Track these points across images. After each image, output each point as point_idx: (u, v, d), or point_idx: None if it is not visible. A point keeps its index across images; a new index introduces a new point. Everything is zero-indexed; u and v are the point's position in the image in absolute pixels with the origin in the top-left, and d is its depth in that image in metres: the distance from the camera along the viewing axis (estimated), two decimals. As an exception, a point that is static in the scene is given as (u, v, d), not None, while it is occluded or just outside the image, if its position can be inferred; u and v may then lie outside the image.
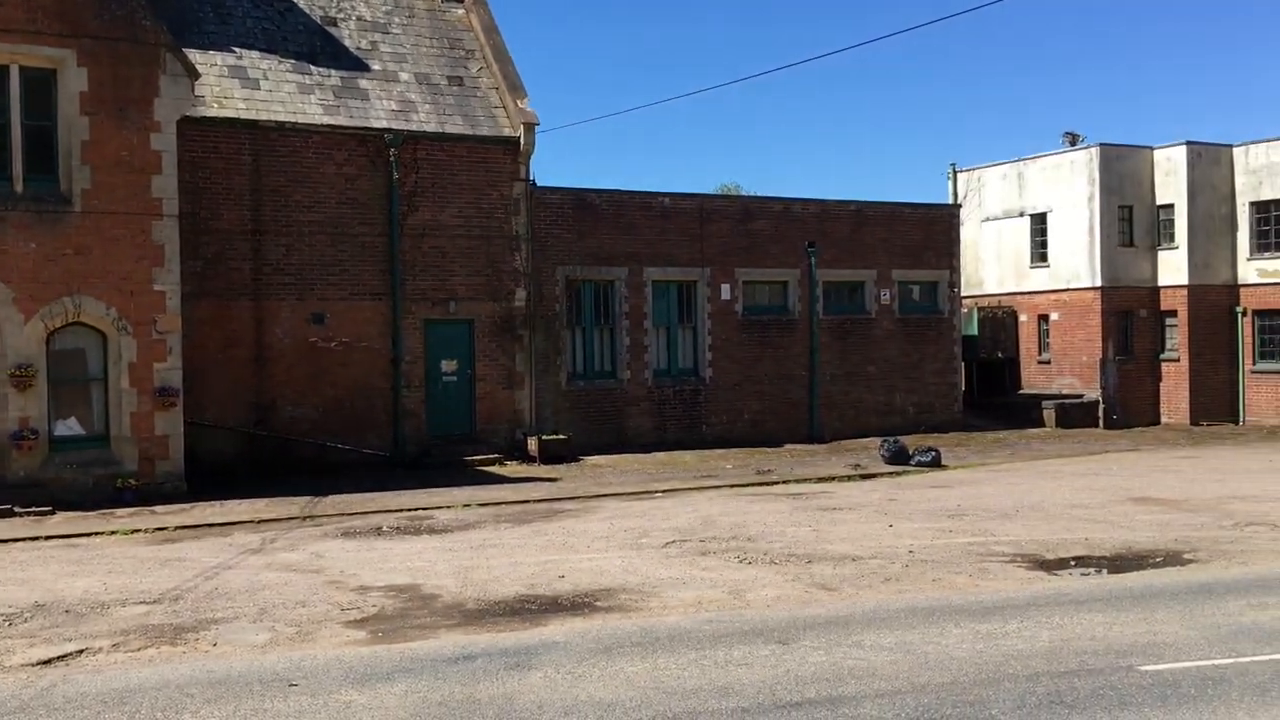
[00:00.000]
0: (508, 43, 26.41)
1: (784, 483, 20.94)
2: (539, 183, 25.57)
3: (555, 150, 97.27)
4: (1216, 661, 8.39)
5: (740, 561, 12.90)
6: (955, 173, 35.79)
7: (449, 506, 17.94)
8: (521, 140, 24.51)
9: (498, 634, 9.66)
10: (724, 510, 17.21)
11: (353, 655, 9.07)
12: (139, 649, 9.37)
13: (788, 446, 27.02)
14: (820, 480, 21.22)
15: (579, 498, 19.03)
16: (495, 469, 22.88)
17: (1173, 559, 12.68)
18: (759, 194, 37.00)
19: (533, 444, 24.02)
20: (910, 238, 30.36)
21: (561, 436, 24.41)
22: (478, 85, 25.40)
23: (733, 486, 20.41)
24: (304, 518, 16.94)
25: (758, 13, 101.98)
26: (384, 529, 15.87)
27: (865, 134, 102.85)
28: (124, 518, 16.68)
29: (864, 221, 29.87)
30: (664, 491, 19.76)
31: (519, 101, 24.82)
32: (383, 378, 23.59)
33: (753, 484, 20.76)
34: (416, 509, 17.69)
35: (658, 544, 14.18)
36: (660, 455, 25.11)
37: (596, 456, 24.54)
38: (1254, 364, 31.93)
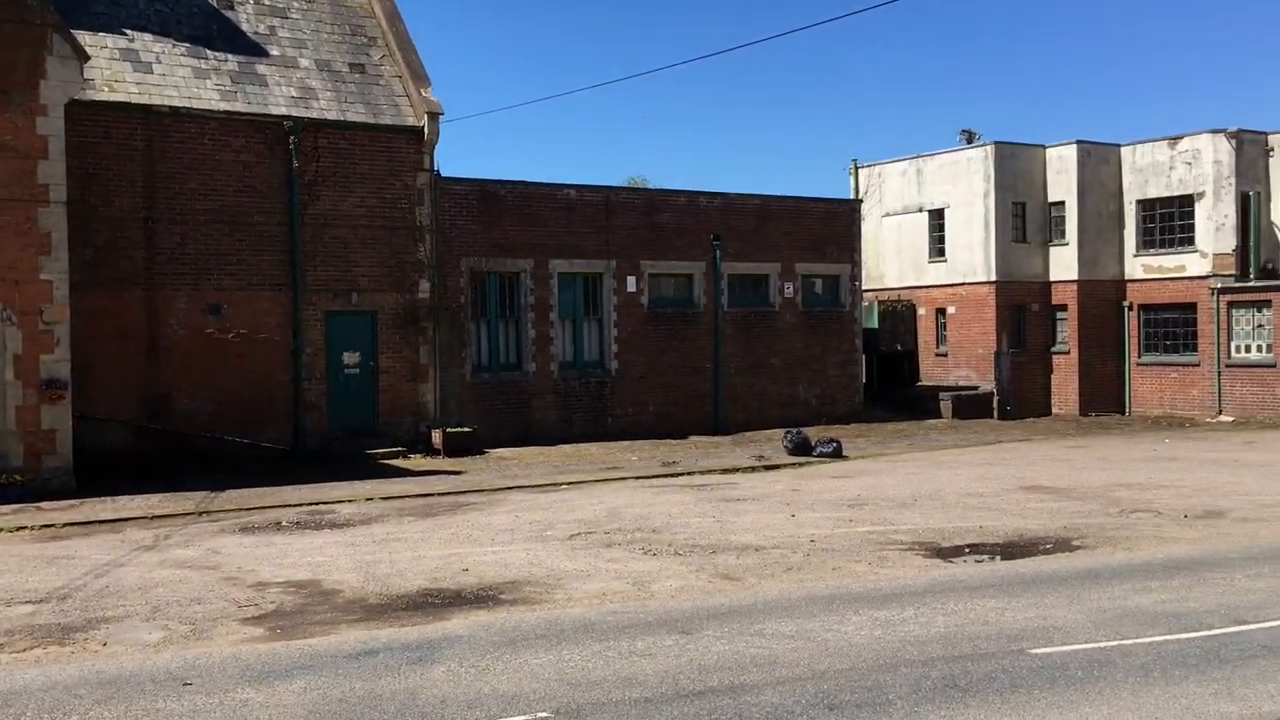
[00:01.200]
0: (411, 31, 26.11)
1: (689, 474, 21.10)
2: (444, 173, 25.33)
3: (461, 141, 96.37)
4: (1102, 644, 8.69)
5: (645, 553, 12.96)
6: (857, 168, 36.40)
7: (351, 500, 17.68)
8: (425, 129, 24.23)
9: (400, 628, 9.57)
10: (629, 502, 17.27)
11: (250, 653, 8.89)
12: (24, 650, 9.06)
13: (693, 438, 27.22)
14: (725, 471, 21.41)
15: (484, 490, 18.92)
16: (399, 462, 22.62)
17: (1062, 545, 13.09)
18: (665, 187, 37.20)
19: (437, 437, 23.81)
20: (813, 232, 30.80)
21: (466, 429, 24.24)
22: (380, 73, 25.03)
23: (638, 478, 20.49)
24: (200, 513, 16.54)
25: (667, 5, 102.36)
26: (283, 524, 15.58)
27: (771, 129, 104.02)
28: (8, 515, 16.10)
29: (768, 215, 30.21)
30: (570, 484, 19.75)
31: (423, 90, 24.53)
32: (282, 370, 23.14)
33: (658, 475, 20.87)
34: (317, 503, 17.39)
35: (563, 536, 14.17)
36: (566, 448, 25.09)
37: (502, 449, 24.42)
38: (1139, 356, 33.13)
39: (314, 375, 23.47)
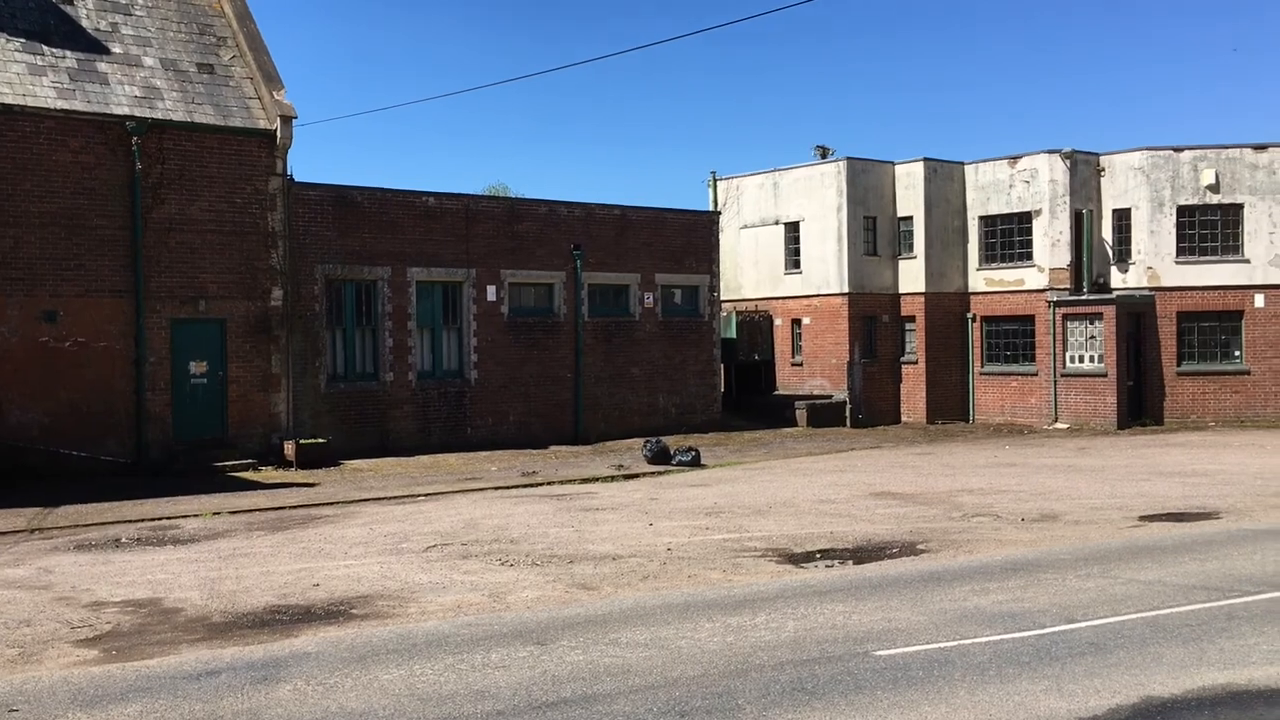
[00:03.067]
0: (264, 32, 25.45)
1: (548, 484, 21.06)
2: (298, 178, 24.74)
3: (318, 146, 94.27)
4: (943, 645, 9.01)
5: (502, 564, 12.88)
6: (715, 181, 36.95)
7: (197, 515, 17.08)
8: (278, 133, 23.62)
9: (245, 647, 9.28)
10: (488, 513, 17.14)
11: (83, 676, 8.50)
12: None
13: (553, 448, 27.19)
14: (584, 481, 21.44)
15: (338, 503, 18.51)
16: (249, 475, 21.95)
17: (908, 550, 13.53)
18: (526, 196, 37.08)
19: (289, 448, 23.19)
20: (673, 243, 31.15)
21: (320, 440, 23.68)
22: (230, 74, 24.30)
23: (497, 489, 20.36)
24: (32, 530, 15.73)
25: (531, 12, 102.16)
26: (123, 540, 14.94)
27: (632, 140, 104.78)
28: None
29: (628, 226, 30.43)
30: (427, 495, 19.49)
31: (275, 93, 23.91)
32: (124, 380, 22.21)
33: (517, 486, 20.77)
34: (161, 518, 16.74)
35: (418, 548, 13.97)
36: (424, 458, 24.75)
37: (358, 460, 23.95)
38: (982, 366, 34.50)
39: (158, 385, 22.59)
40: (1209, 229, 32.41)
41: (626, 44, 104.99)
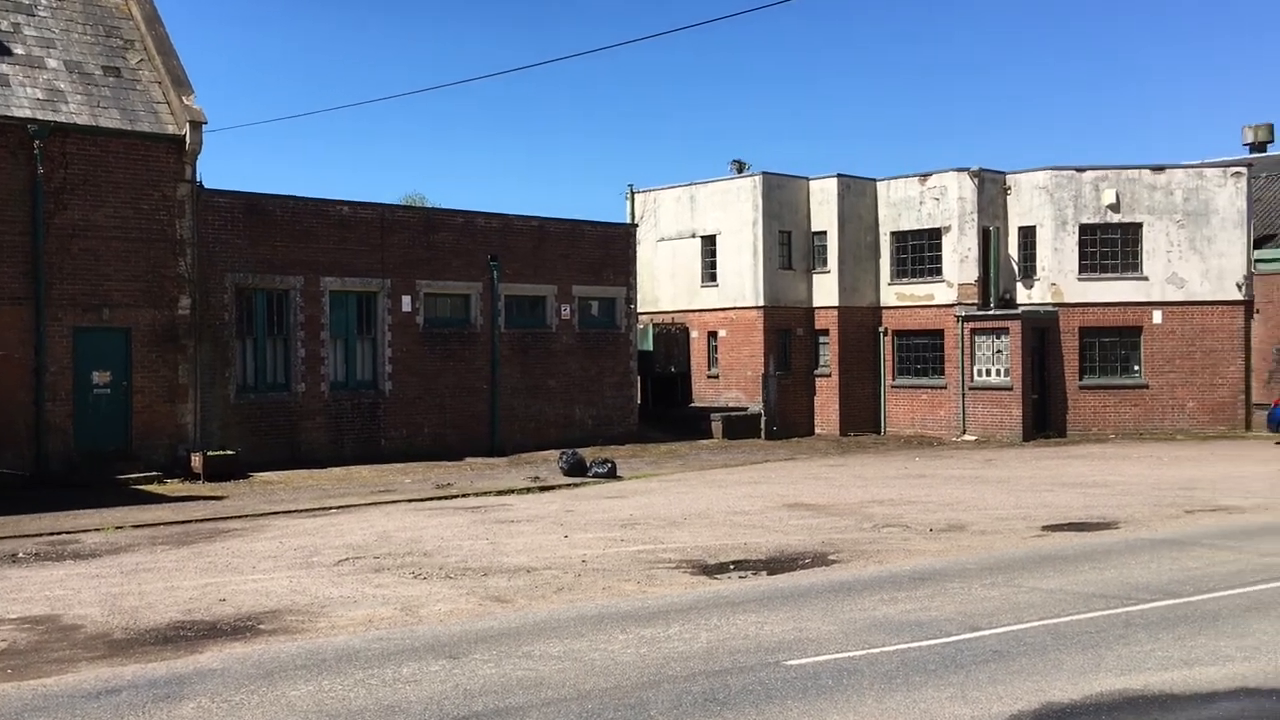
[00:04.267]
0: (174, 36, 24.94)
1: (463, 496, 20.90)
2: (208, 185, 24.26)
3: (230, 153, 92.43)
4: (852, 653, 9.15)
5: (415, 577, 12.76)
6: (633, 193, 37.13)
7: (99, 529, 16.60)
8: (187, 138, 23.15)
9: (147, 664, 9.05)
10: (401, 525, 16.96)
11: (-24, 697, 8.21)
12: None
13: (469, 460, 27.00)
14: (500, 493, 21.33)
15: (247, 516, 18.15)
16: (154, 488, 21.42)
17: (820, 560, 13.70)
18: (443, 206, 36.84)
19: (197, 460, 22.68)
20: (590, 255, 31.21)
21: (229, 452, 23.20)
22: (138, 78, 23.76)
23: (411, 501, 20.14)
24: (-78, 546, 15.14)
25: (448, 24, 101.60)
26: (20, 556, 14.47)
27: (551, 152, 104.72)
28: None
29: (546, 237, 30.41)
30: (339, 508, 19.21)
31: (184, 97, 23.43)
32: (23, 389, 21.53)
33: (432, 498, 20.57)
34: (60, 533, 16.24)
35: (329, 562, 13.77)
36: (337, 470, 24.40)
37: (268, 473, 23.51)
38: (894, 379, 35.12)
39: (59, 395, 21.94)
40: (1110, 247, 33.46)
41: (544, 57, 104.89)
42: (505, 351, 29.30)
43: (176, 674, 8.72)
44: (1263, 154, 40.71)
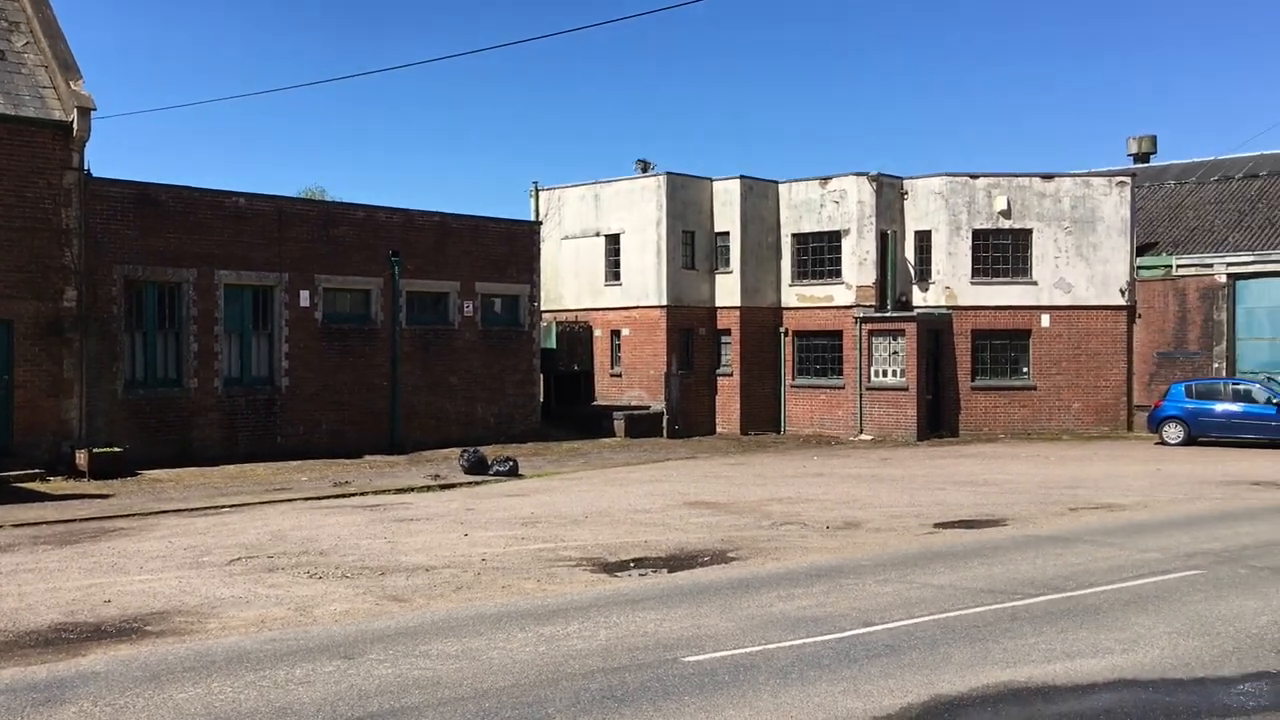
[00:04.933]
0: (62, 19, 24.09)
1: (362, 494, 20.61)
2: (97, 173, 23.48)
3: (121, 141, 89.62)
4: (749, 649, 9.27)
5: (310, 576, 12.54)
6: (538, 191, 37.00)
7: (-24, 529, 15.95)
8: (75, 125, 22.38)
9: (26, 668, 8.74)
10: (297, 524, 16.64)
11: None
12: None
13: (368, 458, 26.62)
14: (399, 491, 21.08)
15: (134, 515, 17.63)
16: (36, 485, 20.67)
17: (719, 557, 13.84)
18: (343, 200, 36.23)
19: (82, 458, 21.95)
20: (494, 251, 31.01)
21: (117, 449, 22.51)
22: (23, 61, 22.89)
23: (308, 499, 19.78)
24: None
25: (351, 13, 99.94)
26: (-110, 557, 13.83)
27: (454, 147, 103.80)
28: None
29: (448, 233, 30.13)
30: (232, 506, 18.78)
31: (72, 82, 22.65)
32: (-105, 383, 20.57)
33: (329, 496, 20.24)
34: (-66, 533, 15.57)
35: (221, 562, 13.46)
36: (230, 468, 23.84)
37: (158, 470, 22.88)
38: (794, 379, 35.63)
39: (-66, 390, 21.03)
40: (1001, 252, 34.42)
41: (447, 51, 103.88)
42: (407, 348, 28.96)
43: (58, 677, 8.44)
44: (1146, 164, 42.33)
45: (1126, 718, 7.53)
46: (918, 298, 34.86)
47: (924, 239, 34.76)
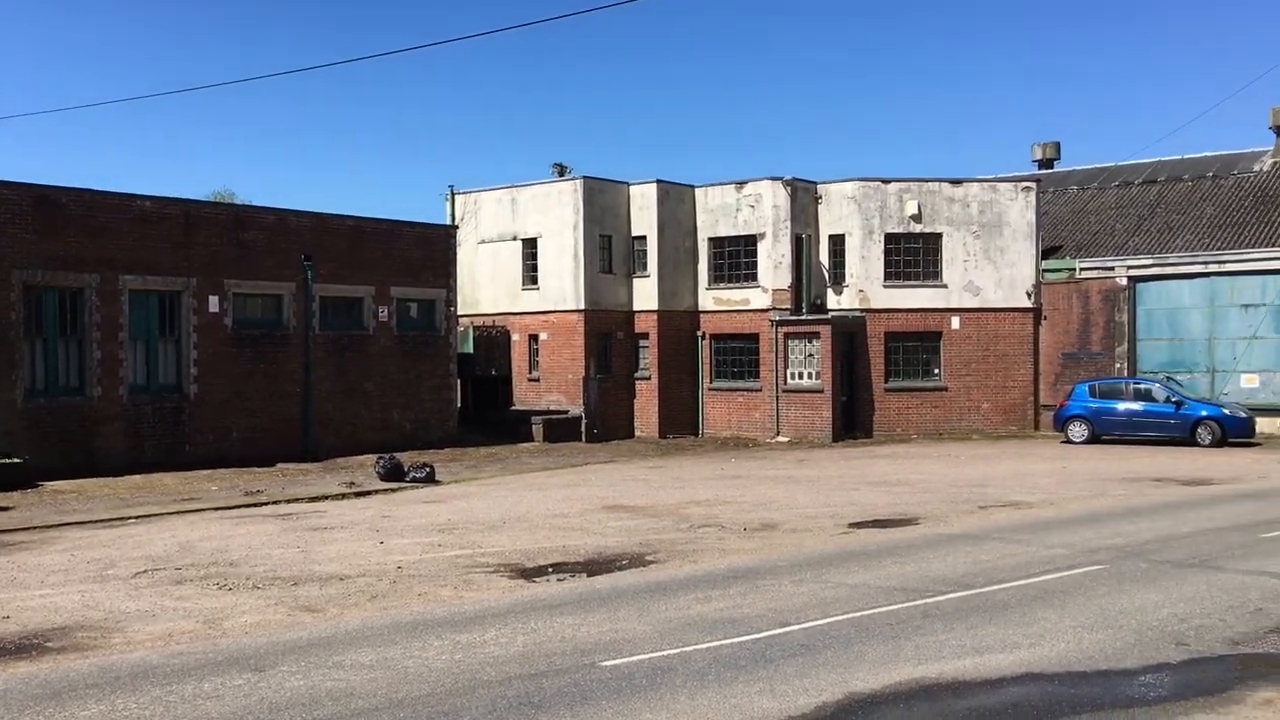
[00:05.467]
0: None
1: (274, 503, 20.22)
2: (-8, 175, 22.69)
3: (19, 145, 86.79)
4: (666, 652, 9.30)
5: (220, 588, 12.27)
6: (454, 195, 36.71)
7: None
8: (-30, 125, 21.59)
9: (-81, 690, 8.41)
10: (206, 535, 16.27)
11: None
12: None
13: (281, 466, 26.14)
14: (313, 500, 20.73)
15: (35, 528, 17.07)
16: (-71, 499, 19.89)
17: (637, 561, 13.86)
18: (254, 203, 35.59)
19: (-21, 469, 21.18)
20: (409, 256, 30.69)
21: (15, 460, 21.80)
22: (-86, 57, 22.02)
23: (218, 509, 19.35)
24: None
25: (262, 14, 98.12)
26: None
27: (368, 151, 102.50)
28: None
29: (362, 237, 29.75)
30: (138, 518, 18.29)
31: (-33, 81, 21.85)
32: None
33: (240, 506, 19.82)
34: None
35: (126, 575, 13.10)
36: (137, 478, 23.23)
37: (60, 481, 22.20)
38: (711, 382, 35.85)
39: None
40: (913, 255, 35.05)
41: (356, 54, 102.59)
42: (320, 354, 28.50)
43: (-48, 699, 8.14)
44: (1050, 170, 43.47)
45: (1033, 711, 7.71)
46: (832, 301, 35.32)
47: (838, 243, 35.24)
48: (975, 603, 11.05)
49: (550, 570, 13.38)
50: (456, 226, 34.13)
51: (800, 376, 34.11)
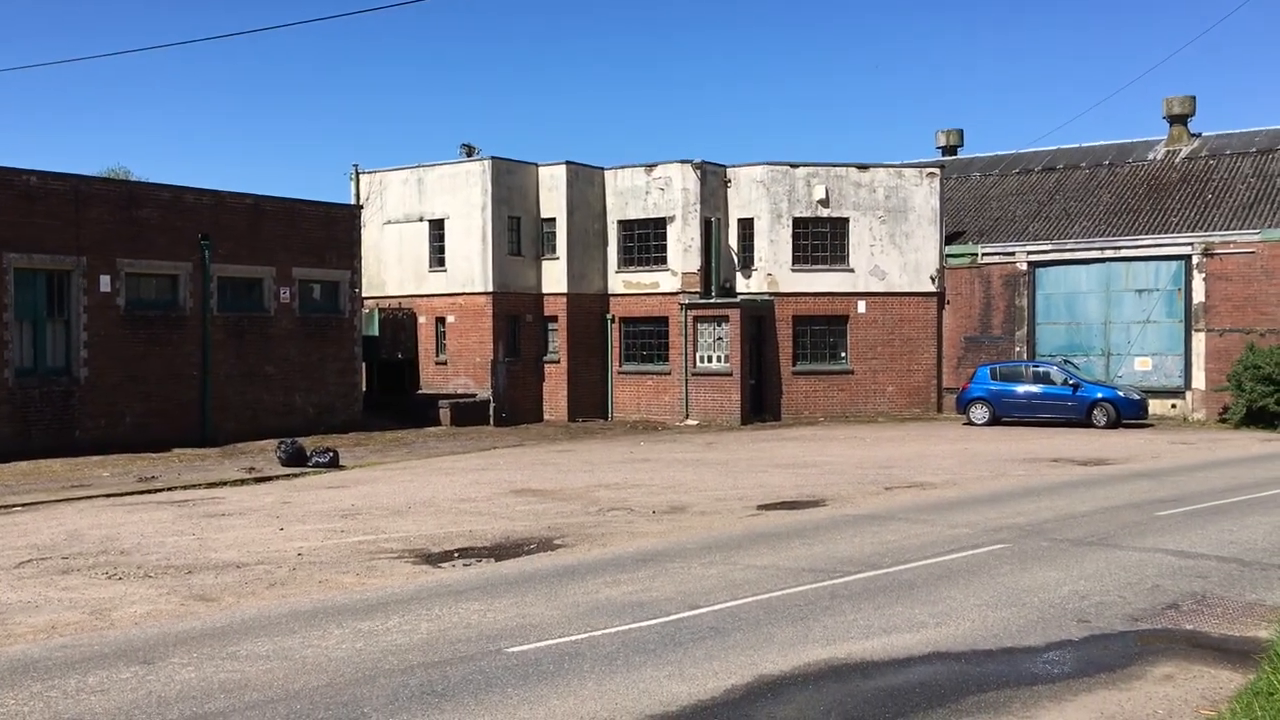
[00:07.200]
0: None
1: (169, 489, 19.57)
2: None
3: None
4: (574, 637, 9.15)
5: (109, 578, 11.77)
6: (358, 174, 35.93)
7: None
8: None
9: None
10: (96, 523, 15.64)
11: None
12: None
13: (177, 451, 25.34)
14: (211, 485, 20.11)
15: (-90, 518, 16.24)
16: None
17: (545, 545, 13.68)
18: (149, 180, 34.41)
19: None
20: (312, 236, 29.96)
21: (-109, 447, 20.72)
22: None
23: (109, 496, 18.65)
24: None
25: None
26: None
27: (270, 130, 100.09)
28: None
29: (263, 216, 28.95)
30: (24, 505, 17.52)
31: None
32: None
33: (133, 492, 19.13)
34: None
35: (9, 565, 12.50)
36: (23, 465, 22.30)
37: (-61, 469, 21.18)
38: (620, 366, 35.74)
39: None
40: (820, 240, 35.35)
41: (251, 25, 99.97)
42: (219, 336, 27.68)
43: None
44: (954, 157, 44.19)
45: (940, 690, 7.74)
46: (741, 284, 35.45)
47: (747, 226, 35.35)
48: (882, 583, 11.11)
49: (456, 555, 13.14)
50: (361, 207, 33.44)
51: (709, 360, 34.18)
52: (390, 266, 35.25)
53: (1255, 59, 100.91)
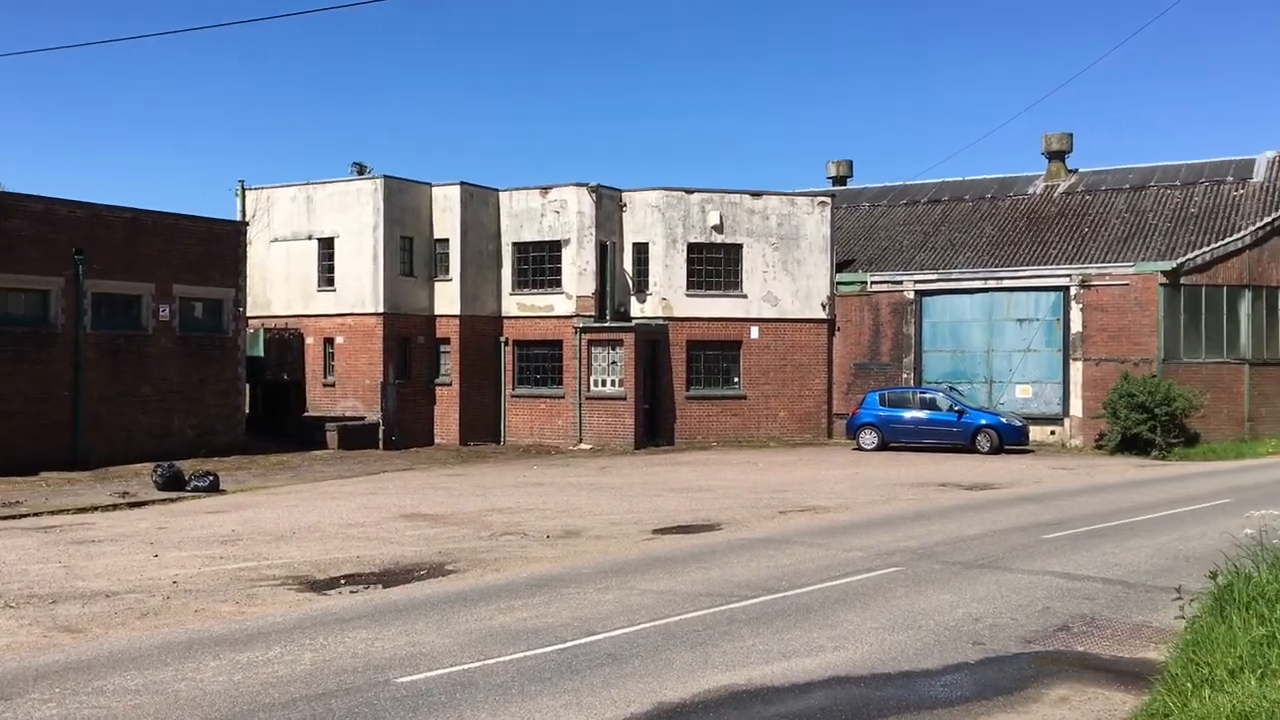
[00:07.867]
0: None
1: (35, 515, 18.56)
2: None
3: None
4: (467, 666, 8.83)
5: (-36, 609, 11.01)
6: (244, 190, 34.93)
7: None
8: None
9: None
10: (-48, 550, 14.70)
11: None
12: None
13: (45, 475, 24.11)
14: (80, 511, 19.14)
15: None
16: None
17: (436, 571, 13.29)
18: (18, 191, 32.90)
19: None
20: (194, 252, 28.96)
21: None
22: None
23: (-32, 522, 17.58)
24: None
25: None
26: None
27: (146, 142, 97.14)
28: None
29: (141, 231, 27.87)
30: (-128, 532, 16.39)
31: None
32: None
33: (-6, 518, 18.07)
34: None
35: None
36: (-128, 489, 20.91)
37: None
38: (514, 389, 35.33)
39: None
40: (714, 265, 35.55)
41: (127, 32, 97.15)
42: (92, 355, 26.48)
43: None
44: (844, 187, 45.02)
45: (841, 715, 7.65)
46: (636, 308, 35.41)
47: (642, 251, 35.36)
48: (780, 606, 11.03)
49: (343, 582, 12.66)
50: (247, 223, 32.49)
51: (603, 384, 34.01)
52: (277, 285, 34.28)
53: (1129, 99, 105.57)
